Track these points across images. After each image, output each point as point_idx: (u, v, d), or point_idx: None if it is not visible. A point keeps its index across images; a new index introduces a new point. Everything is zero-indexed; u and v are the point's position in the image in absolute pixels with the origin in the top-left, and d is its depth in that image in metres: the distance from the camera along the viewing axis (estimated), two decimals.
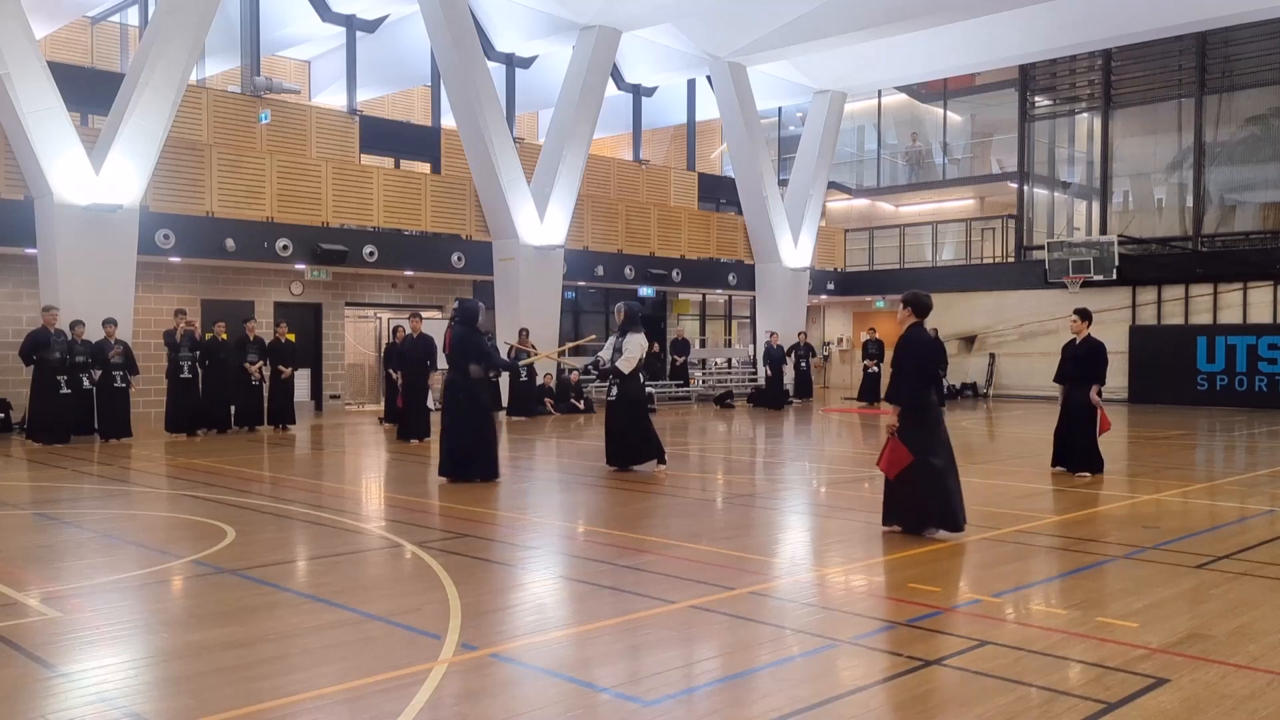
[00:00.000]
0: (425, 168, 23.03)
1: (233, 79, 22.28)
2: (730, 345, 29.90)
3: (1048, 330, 25.57)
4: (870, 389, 23.40)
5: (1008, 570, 6.55)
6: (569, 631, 5.22)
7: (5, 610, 5.44)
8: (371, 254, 19.65)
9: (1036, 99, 27.53)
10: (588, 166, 22.42)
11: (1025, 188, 27.52)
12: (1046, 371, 11.73)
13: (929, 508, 7.43)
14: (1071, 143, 27.78)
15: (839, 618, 5.42)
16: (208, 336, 16.50)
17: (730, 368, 28.83)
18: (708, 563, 6.67)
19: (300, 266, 19.35)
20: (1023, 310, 26.77)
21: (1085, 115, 27.18)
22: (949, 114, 30.37)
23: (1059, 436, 11.11)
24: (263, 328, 18.22)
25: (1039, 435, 15.24)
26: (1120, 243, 24.68)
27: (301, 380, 20.01)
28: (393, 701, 4.06)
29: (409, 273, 21.44)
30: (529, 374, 19.61)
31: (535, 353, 17.82)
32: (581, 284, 24.09)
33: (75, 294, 15.18)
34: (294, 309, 20.31)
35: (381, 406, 19.15)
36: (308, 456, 13.81)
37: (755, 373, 27.04)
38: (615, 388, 11.34)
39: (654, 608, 5.52)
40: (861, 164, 32.55)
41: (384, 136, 22.68)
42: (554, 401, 20.40)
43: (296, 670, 4.50)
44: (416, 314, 15.52)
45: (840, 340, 32.95)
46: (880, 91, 30.16)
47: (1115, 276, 24.44)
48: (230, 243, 17.86)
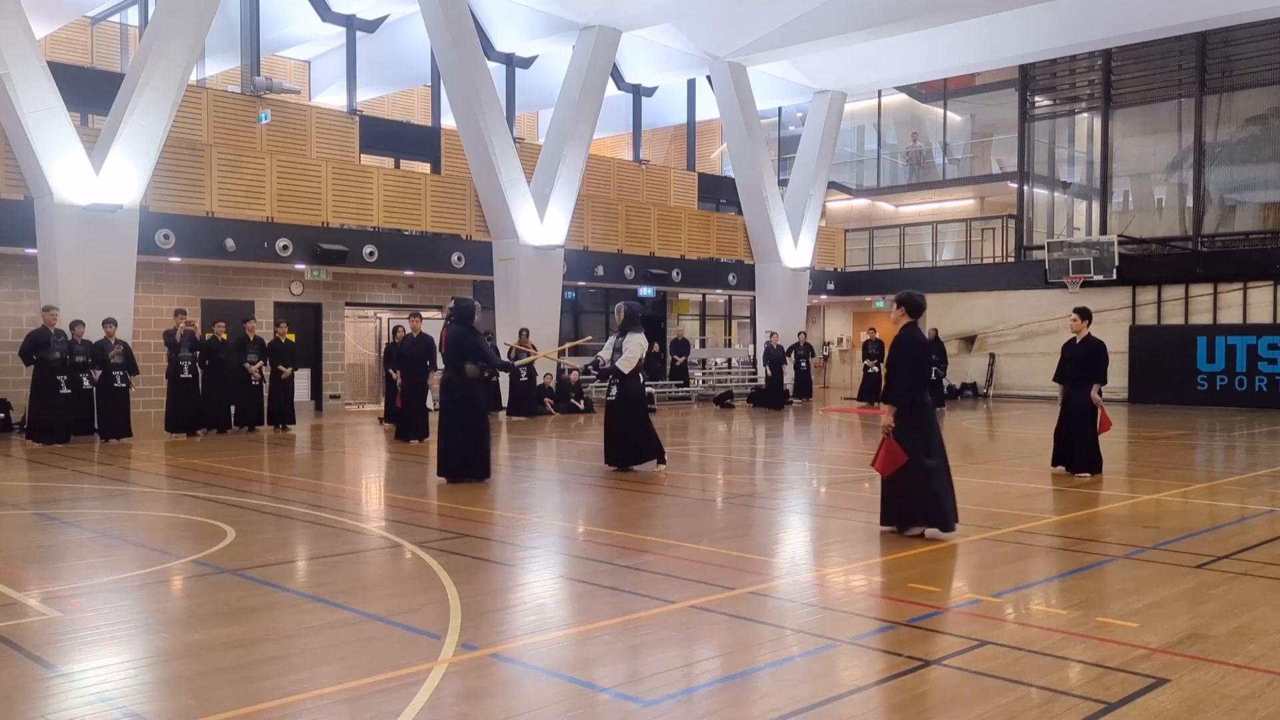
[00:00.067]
0: (425, 168, 23.03)
1: (233, 79, 22.28)
2: (730, 345, 29.90)
3: (1048, 330, 25.57)
4: (870, 389, 23.37)
5: (1008, 570, 6.55)
6: (569, 631, 5.22)
7: (5, 610, 5.44)
8: (371, 254, 19.65)
9: (1036, 99, 27.53)
10: (588, 166, 22.42)
11: (1025, 188, 27.52)
12: (1046, 371, 11.73)
13: (919, 507, 7.43)
14: (1071, 143, 27.78)
15: (839, 618, 5.41)
16: (208, 336, 16.49)
17: (730, 368, 28.83)
18: (708, 563, 6.67)
19: (300, 266, 19.36)
20: (1023, 310, 26.78)
21: (1085, 115, 27.18)
22: (949, 114, 30.37)
23: (1059, 436, 11.10)
24: (263, 328, 18.22)
25: (1039, 435, 15.24)
26: (1120, 243, 24.68)
27: (301, 380, 20.02)
28: (393, 701, 4.06)
29: (409, 273, 21.44)
30: (529, 374, 19.61)
31: (535, 352, 17.83)
32: (581, 284, 24.09)
33: (75, 294, 15.17)
34: (294, 309, 20.31)
35: (381, 406, 19.15)
36: (308, 456, 13.81)
37: (755, 373, 27.04)
38: (615, 388, 11.33)
39: (654, 608, 5.52)
40: (861, 164, 32.55)
41: (384, 136, 22.68)
42: (554, 401, 20.40)
43: (296, 670, 4.50)
44: (416, 314, 15.51)
45: (840, 340, 32.95)
46: (880, 91, 30.16)
47: (1115, 276, 24.45)
48: (230, 243, 17.86)
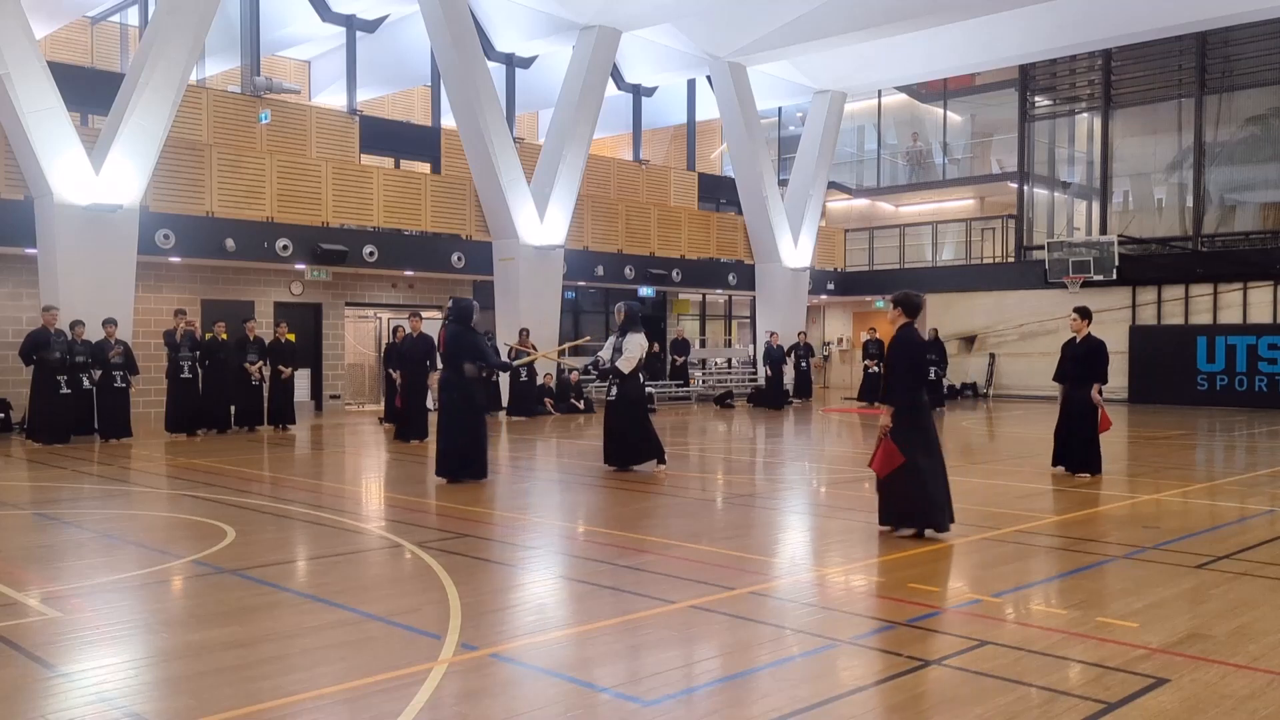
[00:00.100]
0: (425, 168, 23.03)
1: (233, 79, 22.28)
2: (730, 345, 29.90)
3: (1048, 330, 25.56)
4: (870, 389, 23.37)
5: (1008, 570, 6.55)
6: (569, 631, 5.22)
7: (5, 610, 5.44)
8: (371, 254, 19.65)
9: (1036, 99, 27.53)
10: (588, 166, 22.42)
11: (1025, 188, 27.52)
12: (1046, 371, 11.72)
13: (914, 508, 7.41)
14: (1071, 143, 27.78)
15: (839, 618, 5.42)
16: (208, 336, 16.49)
17: (730, 368, 28.83)
18: (708, 563, 6.67)
19: (300, 266, 19.35)
20: (1023, 310, 26.78)
21: (1085, 115, 27.18)
22: (949, 114, 30.37)
23: (1059, 436, 11.09)
24: (263, 328, 18.22)
25: (1039, 435, 15.24)
26: (1120, 243, 24.68)
27: (301, 380, 20.02)
28: (393, 701, 4.06)
29: (409, 273, 21.44)
30: (529, 374, 19.61)
31: (535, 352, 17.83)
32: (581, 284, 24.09)
33: (75, 294, 15.17)
34: (294, 309, 20.31)
35: (381, 406, 19.15)
36: (308, 456, 13.81)
37: (755, 373, 27.04)
38: (615, 387, 11.33)
39: (654, 608, 5.52)
40: (861, 164, 32.55)
41: (384, 136, 22.68)
42: (554, 401, 20.40)
43: (296, 670, 4.50)
44: (416, 314, 15.50)
45: (840, 340, 32.95)
46: (880, 91, 30.16)
47: (1115, 276, 24.45)
48: (230, 243, 17.86)
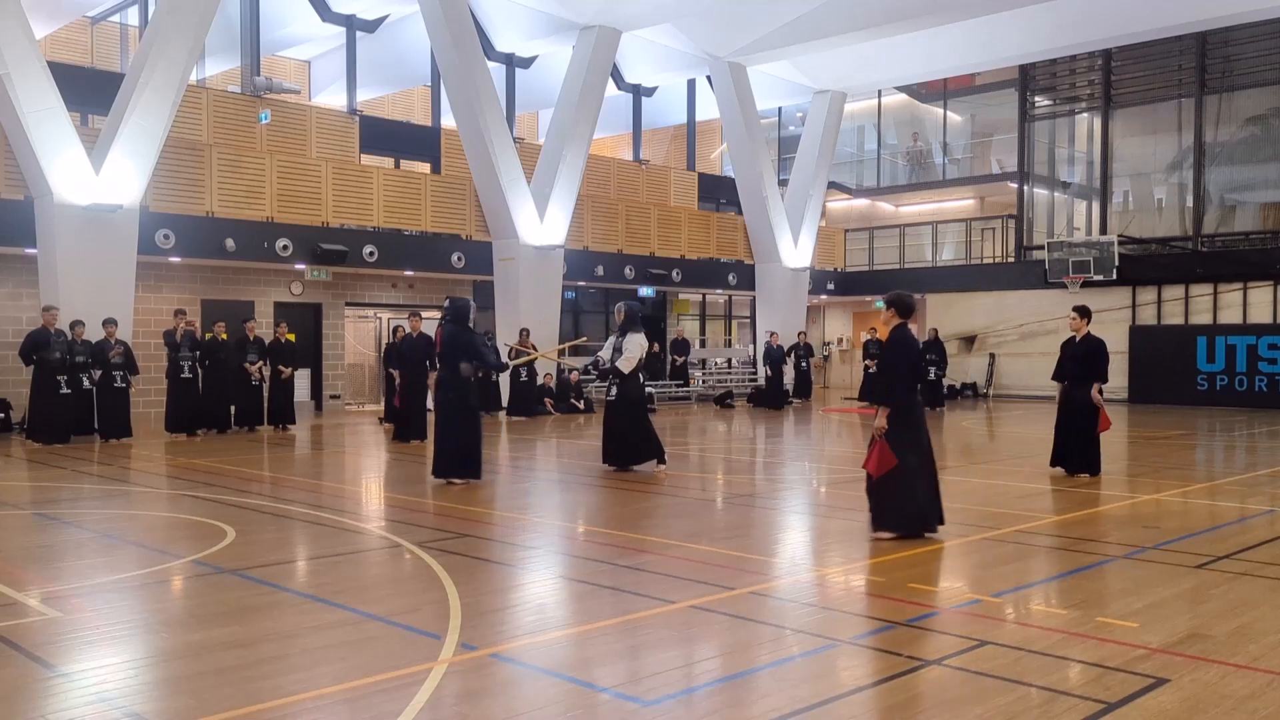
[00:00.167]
0: (425, 168, 23.03)
1: (233, 79, 22.28)
2: (730, 345, 29.90)
3: (1048, 330, 25.56)
4: (870, 389, 23.39)
5: (1008, 570, 6.55)
6: (569, 631, 5.22)
7: (5, 610, 5.44)
8: (371, 254, 19.65)
9: (1036, 99, 27.53)
10: (588, 166, 22.42)
11: (1025, 188, 27.52)
12: (1046, 371, 11.72)
13: (897, 511, 7.36)
14: (1071, 143, 27.78)
15: (839, 618, 5.42)
16: (208, 336, 16.50)
17: (730, 368, 28.83)
18: (708, 563, 6.67)
19: (300, 266, 19.36)
20: (1023, 310, 26.78)
21: (1085, 115, 27.18)
22: (949, 114, 30.37)
23: (1059, 436, 11.08)
24: (263, 328, 18.22)
25: (1039, 435, 15.24)
26: (1120, 243, 24.68)
27: (301, 380, 20.02)
28: (393, 701, 4.06)
29: (409, 273, 21.44)
30: (529, 374, 19.62)
31: (534, 352, 17.82)
32: (581, 284, 24.09)
33: (75, 294, 15.17)
34: (294, 309, 20.31)
35: (381, 406, 19.15)
36: (308, 456, 13.81)
37: (755, 373, 27.04)
38: (615, 387, 11.34)
39: (654, 608, 5.52)
40: (861, 164, 32.55)
41: (384, 136, 22.68)
42: (554, 401, 20.40)
43: (296, 670, 4.50)
44: (416, 313, 15.49)
45: (840, 340, 32.96)
46: (880, 91, 30.16)
47: (1115, 276, 24.44)
48: (230, 243, 17.86)
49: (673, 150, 32.02)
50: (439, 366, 10.68)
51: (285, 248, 18.46)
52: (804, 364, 24.72)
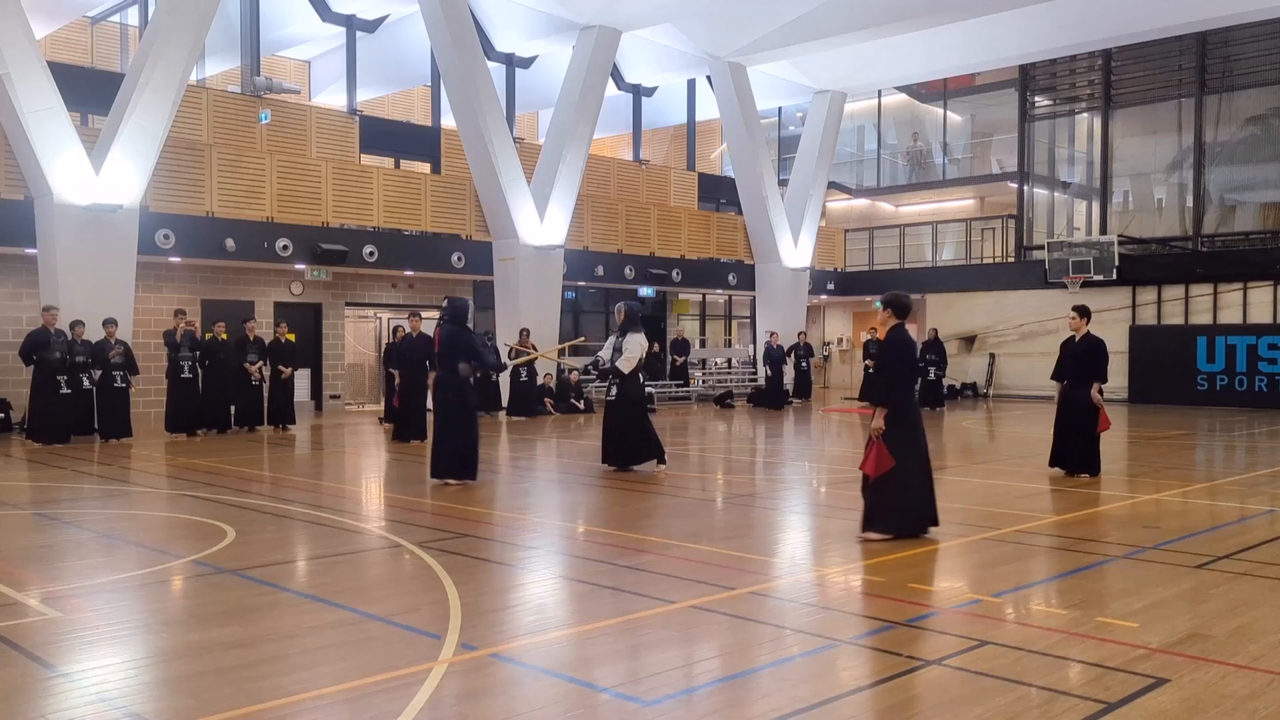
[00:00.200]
0: (425, 168, 23.04)
1: (233, 79, 22.28)
2: (730, 345, 29.91)
3: (1048, 330, 25.56)
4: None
5: (1008, 570, 6.55)
6: (569, 631, 5.22)
7: (5, 610, 5.44)
8: (371, 254, 19.65)
9: (1036, 99, 27.53)
10: (588, 166, 22.42)
11: (1025, 188, 27.52)
12: (1046, 371, 11.71)
13: (890, 512, 7.33)
14: (1071, 143, 27.78)
15: (839, 618, 5.42)
16: (208, 336, 16.49)
17: (730, 368, 28.84)
18: (708, 563, 6.67)
19: (300, 266, 19.36)
20: (1023, 310, 26.78)
21: (1085, 115, 27.18)
22: (949, 114, 30.37)
23: (1058, 436, 11.07)
24: (263, 328, 18.22)
25: (1039, 435, 15.23)
26: (1120, 243, 24.68)
27: (301, 380, 20.02)
28: (393, 701, 4.06)
29: (409, 273, 21.44)
30: (529, 374, 19.62)
31: (534, 352, 17.83)
32: (581, 284, 24.09)
33: (75, 294, 15.17)
34: (294, 309, 20.31)
35: (381, 406, 19.15)
36: (307, 456, 13.81)
37: (755, 373, 27.05)
38: (615, 387, 11.34)
39: (654, 608, 5.52)
40: (861, 164, 32.55)
41: (384, 136, 22.68)
42: (554, 401, 20.40)
43: (296, 670, 4.50)
44: (416, 313, 15.49)
45: (840, 340, 32.96)
46: (880, 91, 30.16)
47: (1115, 276, 24.44)
48: (230, 243, 17.86)
49: (673, 150, 32.03)
50: (437, 366, 10.67)
51: (285, 248, 18.46)
52: (804, 364, 24.72)
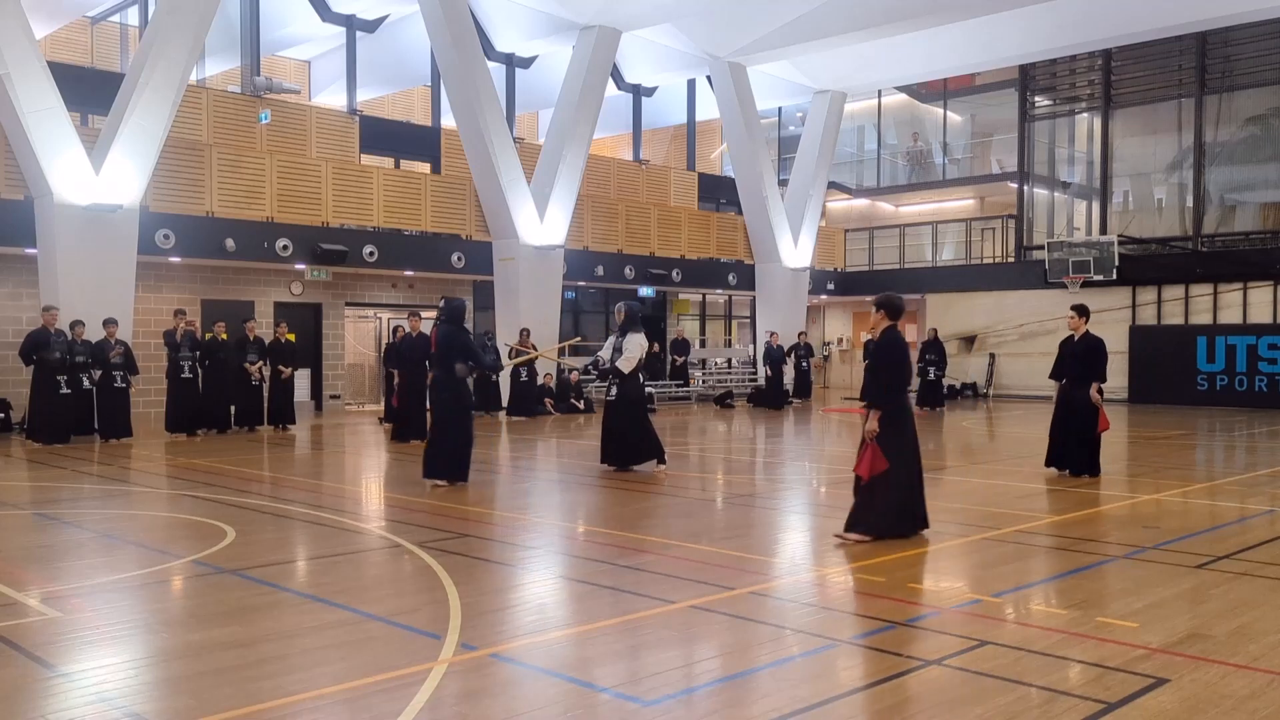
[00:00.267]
0: (425, 168, 23.04)
1: (233, 79, 22.28)
2: (730, 345, 29.90)
3: (1048, 330, 25.55)
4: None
5: (1008, 570, 6.55)
6: (569, 631, 5.22)
7: (5, 610, 5.44)
8: (371, 254, 19.65)
9: (1036, 99, 27.53)
10: (588, 166, 22.42)
11: (1025, 188, 27.52)
12: (1046, 371, 11.70)
13: (879, 514, 7.31)
14: (1071, 143, 27.78)
15: (838, 618, 5.42)
16: (208, 336, 16.50)
17: (730, 368, 28.83)
18: (708, 563, 6.67)
19: (300, 266, 19.36)
20: (1023, 310, 26.78)
21: (1085, 115, 27.18)
22: (949, 114, 30.37)
23: (1054, 436, 11.05)
24: (263, 328, 18.21)
25: (1039, 435, 15.16)
26: (1120, 243, 24.68)
27: (301, 380, 20.01)
28: (393, 701, 4.06)
29: (409, 273, 21.44)
30: (529, 373, 19.62)
31: (533, 352, 17.83)
32: (581, 284, 24.09)
33: (75, 294, 15.17)
34: (294, 309, 20.30)
35: (381, 406, 19.15)
36: (308, 456, 13.81)
37: (755, 373, 27.04)
38: (615, 387, 11.34)
39: (654, 608, 5.52)
40: (861, 164, 32.55)
41: (384, 136, 22.68)
42: (554, 401, 20.40)
43: (296, 670, 4.50)
44: (416, 313, 15.49)
45: (840, 340, 32.95)
46: (880, 91, 30.16)
47: (1115, 276, 24.44)
48: (230, 243, 17.86)
49: (673, 150, 32.02)
50: (434, 367, 10.66)
51: (285, 248, 18.46)
52: (804, 364, 24.72)
